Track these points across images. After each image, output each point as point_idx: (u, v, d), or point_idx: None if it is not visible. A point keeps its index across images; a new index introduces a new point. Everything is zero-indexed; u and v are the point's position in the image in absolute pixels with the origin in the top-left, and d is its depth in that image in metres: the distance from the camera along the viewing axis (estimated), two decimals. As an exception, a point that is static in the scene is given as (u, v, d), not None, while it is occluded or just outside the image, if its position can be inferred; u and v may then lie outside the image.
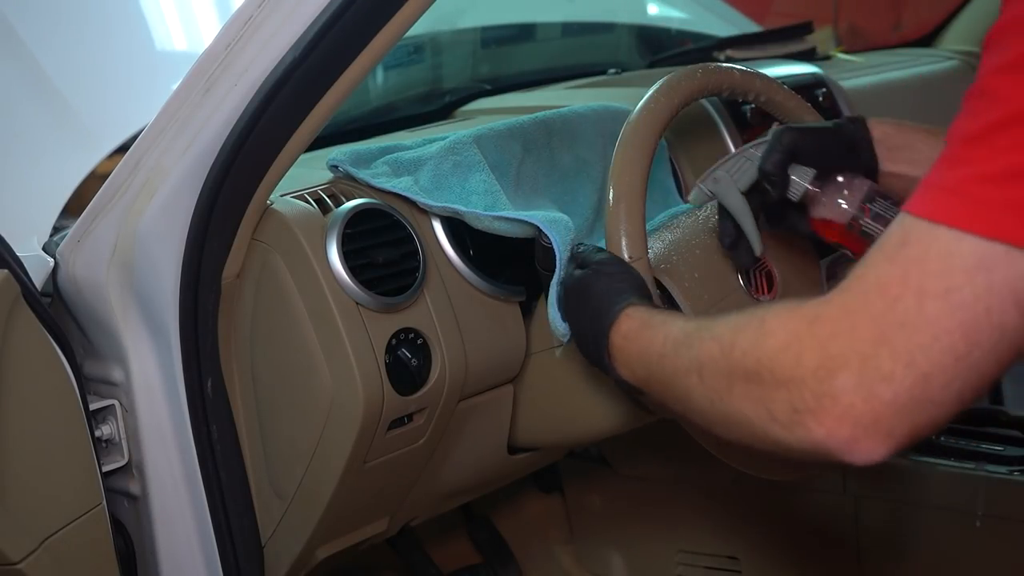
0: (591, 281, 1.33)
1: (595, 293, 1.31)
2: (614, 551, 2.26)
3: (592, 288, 1.32)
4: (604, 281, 1.31)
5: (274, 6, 1.33)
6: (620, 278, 1.32)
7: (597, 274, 1.33)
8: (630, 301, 1.26)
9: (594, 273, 1.33)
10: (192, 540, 1.53)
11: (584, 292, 1.33)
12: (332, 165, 1.59)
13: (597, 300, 1.29)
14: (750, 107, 1.94)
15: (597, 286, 1.31)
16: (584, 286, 1.33)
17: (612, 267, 1.34)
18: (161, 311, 1.47)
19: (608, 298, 1.28)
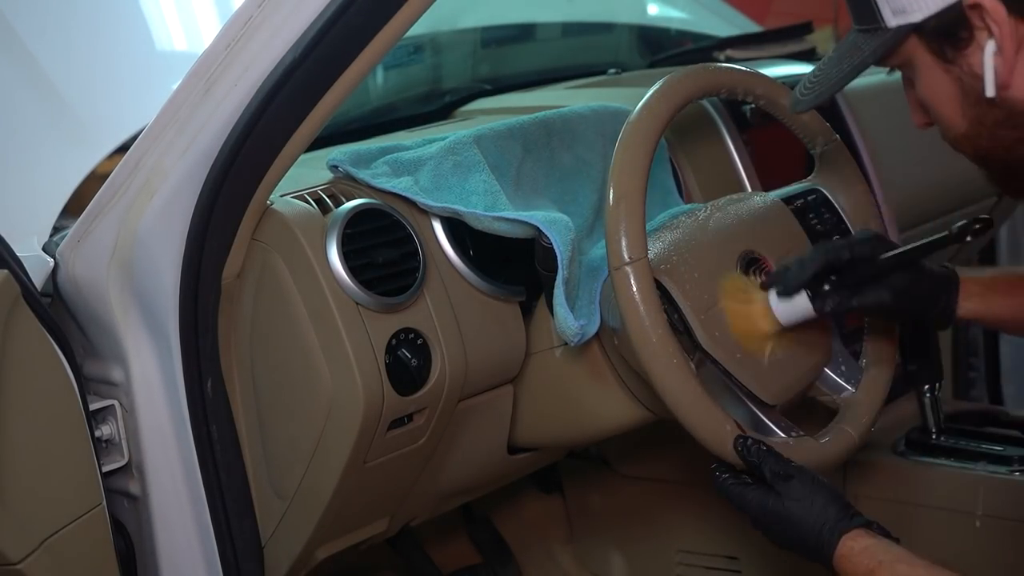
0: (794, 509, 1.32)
1: (802, 521, 1.31)
2: (614, 551, 2.26)
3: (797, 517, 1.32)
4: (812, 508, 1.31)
5: (274, 6, 1.33)
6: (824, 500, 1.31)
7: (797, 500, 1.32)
8: (850, 526, 1.28)
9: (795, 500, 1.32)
10: (192, 540, 1.53)
11: (786, 518, 1.32)
12: (332, 165, 1.59)
13: (806, 529, 1.30)
14: (750, 107, 1.94)
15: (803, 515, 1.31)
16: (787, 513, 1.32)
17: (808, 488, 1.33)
18: (161, 311, 1.47)
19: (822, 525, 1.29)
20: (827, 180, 1.70)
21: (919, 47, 1.20)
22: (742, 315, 1.48)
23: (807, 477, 1.33)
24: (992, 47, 1.12)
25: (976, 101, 1.18)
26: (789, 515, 1.32)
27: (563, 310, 1.46)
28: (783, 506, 1.32)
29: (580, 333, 1.47)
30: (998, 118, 1.18)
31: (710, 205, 1.65)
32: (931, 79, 1.21)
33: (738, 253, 1.54)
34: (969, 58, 1.16)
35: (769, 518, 1.34)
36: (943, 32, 1.16)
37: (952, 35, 1.16)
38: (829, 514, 1.30)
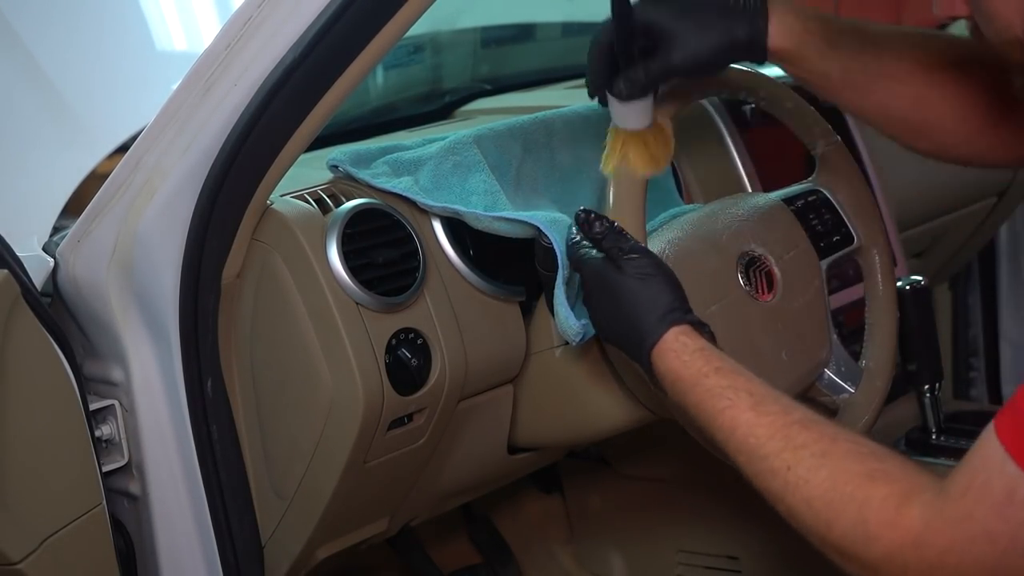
0: (629, 284, 1.26)
1: (634, 300, 1.24)
2: (614, 551, 2.26)
3: (629, 292, 1.25)
4: (645, 288, 1.24)
5: (274, 6, 1.33)
6: (660, 285, 1.25)
7: (635, 277, 1.26)
8: (679, 319, 1.21)
9: (632, 276, 1.26)
10: (192, 540, 1.53)
11: (618, 293, 1.26)
12: (332, 165, 1.59)
13: (636, 308, 1.24)
14: (750, 107, 1.94)
15: (637, 291, 1.25)
16: (618, 286, 1.26)
17: (649, 269, 1.27)
18: (161, 311, 1.47)
19: (651, 310, 1.22)
20: (828, 181, 1.70)
21: None
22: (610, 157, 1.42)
23: (651, 259, 1.27)
24: None
25: None
26: (622, 290, 1.25)
27: (564, 310, 1.46)
28: (618, 280, 1.25)
29: (581, 333, 1.47)
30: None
31: (710, 205, 1.65)
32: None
33: (738, 253, 1.54)
34: None
35: (602, 291, 1.27)
36: None
37: None
38: (663, 300, 1.22)
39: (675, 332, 1.21)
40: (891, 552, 0.97)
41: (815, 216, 1.68)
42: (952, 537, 0.95)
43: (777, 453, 1.07)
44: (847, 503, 1.01)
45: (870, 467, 1.03)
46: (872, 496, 1.00)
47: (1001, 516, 0.93)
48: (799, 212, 1.66)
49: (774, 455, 1.07)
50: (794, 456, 1.06)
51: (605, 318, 1.30)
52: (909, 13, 3.22)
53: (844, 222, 1.69)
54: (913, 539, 0.96)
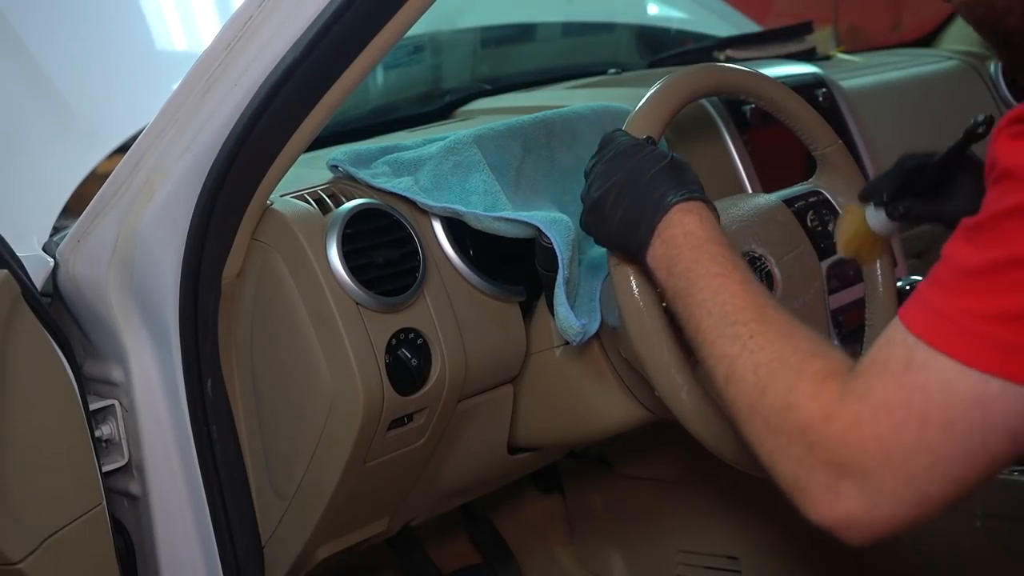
0: (661, 158, 1.27)
1: (665, 169, 1.26)
2: (614, 551, 2.26)
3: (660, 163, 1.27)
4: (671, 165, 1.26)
5: (274, 6, 1.33)
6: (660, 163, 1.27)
7: (664, 157, 1.27)
8: (686, 196, 1.23)
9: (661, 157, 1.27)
10: (192, 540, 1.53)
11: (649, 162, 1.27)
12: (332, 165, 1.59)
13: (665, 175, 1.25)
14: (750, 107, 1.94)
15: (670, 163, 1.27)
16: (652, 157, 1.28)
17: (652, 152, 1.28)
18: (161, 311, 1.47)
19: (679, 182, 1.25)
20: (828, 182, 1.70)
21: None
22: (848, 232, 1.48)
23: (659, 151, 1.29)
24: None
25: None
26: (654, 160, 1.27)
27: (564, 310, 1.46)
28: (654, 152, 1.28)
29: (582, 332, 1.47)
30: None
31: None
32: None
33: (738, 253, 1.54)
34: None
35: (630, 158, 1.29)
36: None
37: None
38: (693, 175, 1.27)
39: (702, 203, 1.25)
40: (805, 425, 1.01)
41: (815, 216, 1.68)
42: (856, 411, 0.98)
43: (746, 321, 1.12)
44: (785, 371, 1.06)
45: (817, 346, 1.08)
46: (806, 368, 1.05)
47: (899, 383, 0.97)
48: (799, 212, 1.66)
49: (743, 322, 1.12)
50: (761, 327, 1.11)
51: (621, 187, 1.29)
52: (909, 14, 3.23)
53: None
54: (825, 413, 1.00)
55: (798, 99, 1.63)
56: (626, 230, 1.26)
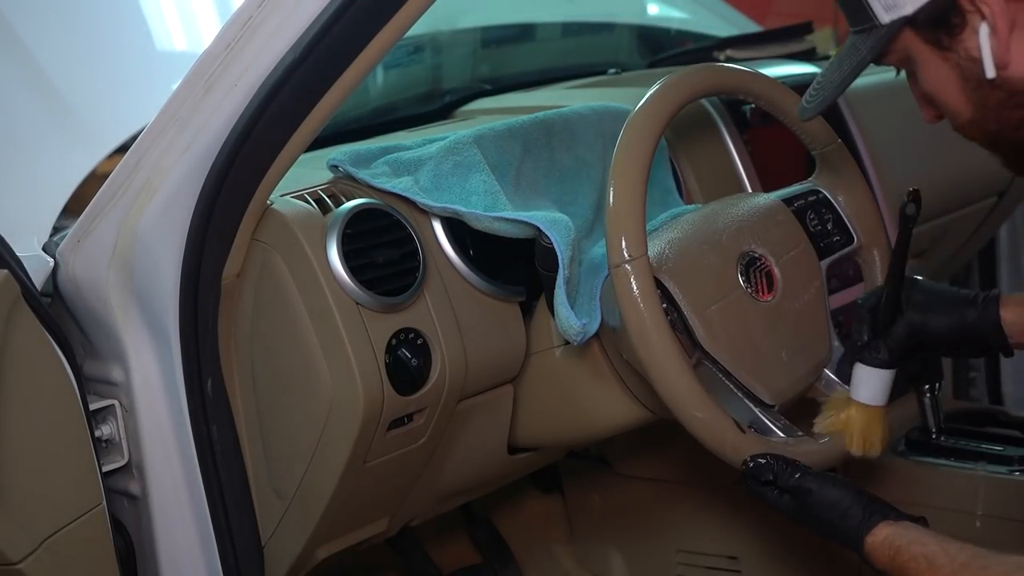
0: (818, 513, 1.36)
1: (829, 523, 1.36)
2: (614, 551, 2.25)
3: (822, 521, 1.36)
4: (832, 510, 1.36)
5: (274, 7, 1.33)
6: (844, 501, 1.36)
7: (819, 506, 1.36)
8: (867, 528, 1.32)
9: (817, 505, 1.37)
10: (192, 540, 1.53)
11: (816, 521, 1.37)
12: (332, 165, 1.59)
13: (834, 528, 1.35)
14: (750, 107, 1.94)
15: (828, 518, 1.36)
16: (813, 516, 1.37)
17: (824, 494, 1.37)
18: (161, 311, 1.47)
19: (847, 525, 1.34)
20: (828, 181, 1.70)
21: (914, 40, 1.22)
22: (842, 429, 1.51)
23: (824, 486, 1.36)
24: (986, 29, 1.14)
25: (978, 84, 1.19)
26: (817, 519, 1.37)
27: (565, 309, 1.46)
28: (811, 512, 1.37)
29: (582, 332, 1.47)
30: (1001, 99, 1.19)
31: (710, 205, 1.65)
32: (931, 70, 1.22)
33: (738, 253, 1.54)
34: (965, 43, 1.16)
35: (801, 520, 1.39)
36: (936, 21, 1.17)
37: (945, 22, 1.17)
38: (852, 518, 1.34)
39: (870, 539, 1.32)
40: None
41: (815, 216, 1.68)
42: None
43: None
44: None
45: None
46: None
47: None
48: (799, 212, 1.66)
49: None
50: None
51: (816, 534, 1.40)
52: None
53: (844, 222, 1.69)
54: None
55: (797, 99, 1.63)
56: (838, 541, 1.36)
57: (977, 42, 1.15)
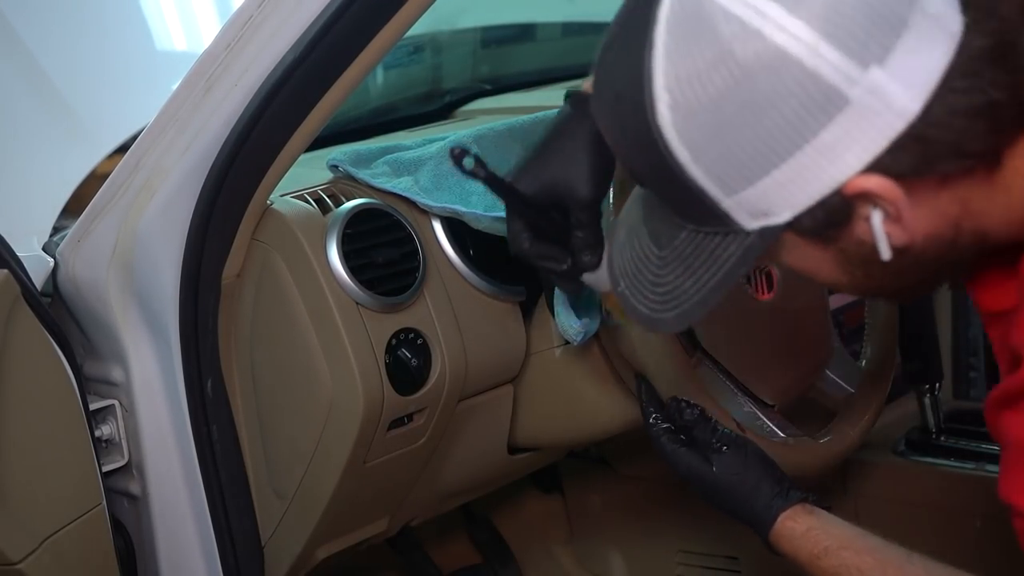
0: (724, 482, 1.30)
1: (732, 496, 1.30)
2: (614, 551, 2.25)
3: (726, 491, 1.30)
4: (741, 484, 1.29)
5: (274, 7, 1.33)
6: (756, 477, 1.29)
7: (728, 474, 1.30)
8: (781, 506, 1.26)
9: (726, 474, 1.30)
10: (192, 540, 1.53)
11: (714, 490, 1.31)
12: (332, 165, 1.59)
13: (736, 504, 1.29)
14: (750, 107, 1.93)
15: (734, 488, 1.30)
16: (714, 484, 1.31)
17: (739, 466, 1.30)
18: (161, 311, 1.47)
19: (752, 504, 1.28)
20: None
21: (788, 234, 0.96)
22: None
23: (741, 450, 1.29)
24: (879, 216, 0.92)
25: (863, 262, 0.97)
26: (719, 486, 1.29)
27: (565, 309, 1.46)
28: (714, 476, 1.29)
29: (583, 332, 1.47)
30: (900, 266, 0.96)
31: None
32: (801, 255, 0.99)
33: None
34: (853, 231, 0.94)
35: (699, 484, 1.31)
36: (820, 222, 0.93)
37: (830, 220, 0.93)
38: (762, 491, 1.26)
39: (781, 519, 1.25)
40: None
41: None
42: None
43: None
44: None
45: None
46: None
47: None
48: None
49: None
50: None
51: (713, 505, 1.34)
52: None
53: None
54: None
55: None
56: (742, 520, 1.30)
57: (868, 228, 0.92)
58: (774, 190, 0.90)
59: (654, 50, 0.89)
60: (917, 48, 0.85)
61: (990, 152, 0.90)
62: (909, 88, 0.86)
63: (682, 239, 0.98)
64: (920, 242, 0.94)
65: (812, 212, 0.91)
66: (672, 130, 0.90)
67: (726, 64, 0.86)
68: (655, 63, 0.90)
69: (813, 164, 0.88)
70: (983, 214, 0.94)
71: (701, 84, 0.87)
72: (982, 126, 0.88)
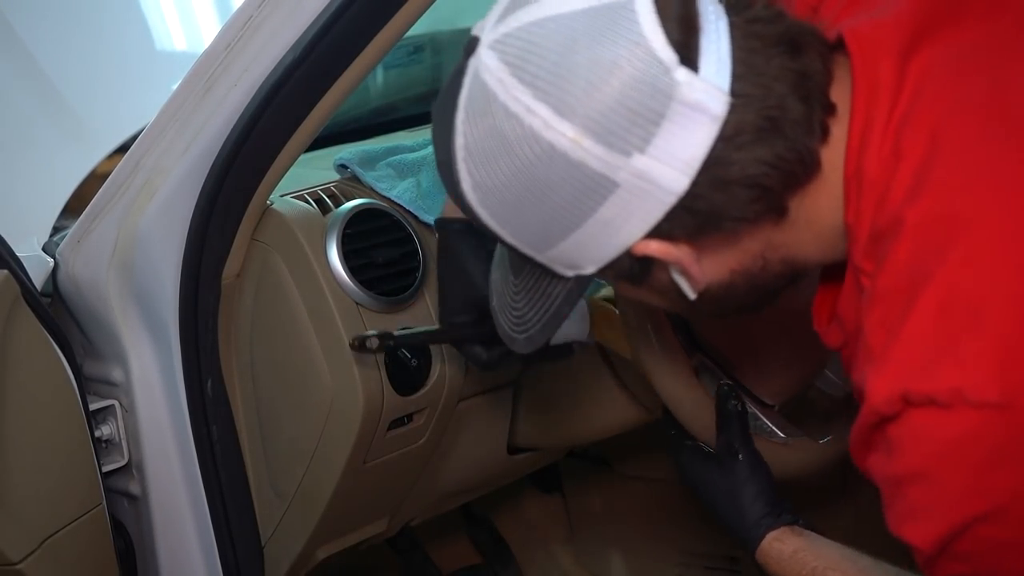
0: (728, 486, 1.31)
1: (730, 503, 1.30)
2: (614, 551, 2.26)
3: (726, 494, 1.31)
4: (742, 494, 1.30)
5: (274, 7, 1.33)
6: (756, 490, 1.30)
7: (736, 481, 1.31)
8: (771, 525, 1.27)
9: (732, 479, 1.31)
10: (192, 540, 1.53)
11: (714, 492, 1.32)
12: (340, 165, 1.59)
13: (732, 511, 1.29)
14: (750, 107, 1.93)
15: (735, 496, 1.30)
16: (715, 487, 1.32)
17: (747, 473, 1.31)
18: (161, 311, 1.47)
19: (746, 515, 1.28)
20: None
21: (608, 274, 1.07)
22: None
23: (752, 461, 1.30)
24: (675, 268, 1.03)
25: (679, 295, 1.07)
26: (719, 494, 1.31)
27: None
28: (718, 481, 1.31)
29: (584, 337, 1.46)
30: (713, 296, 1.07)
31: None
32: (624, 289, 1.12)
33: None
34: (657, 277, 1.05)
35: (702, 487, 1.33)
36: (625, 273, 1.04)
37: (633, 274, 1.04)
38: (757, 508, 1.28)
39: (769, 539, 1.27)
40: None
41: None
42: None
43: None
44: None
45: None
46: None
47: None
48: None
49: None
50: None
51: (709, 510, 1.34)
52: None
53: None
54: None
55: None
56: (731, 532, 1.30)
57: (669, 276, 1.04)
58: (574, 250, 1.01)
59: (455, 133, 0.98)
60: (678, 134, 0.93)
61: (765, 211, 0.99)
62: (674, 168, 0.94)
63: (526, 272, 1.10)
64: (727, 277, 1.05)
65: (612, 266, 1.02)
66: (478, 204, 1.00)
67: (508, 155, 0.96)
68: (456, 145, 0.98)
69: (600, 233, 0.99)
70: (787, 246, 1.05)
71: (490, 171, 0.97)
72: (745, 194, 0.97)
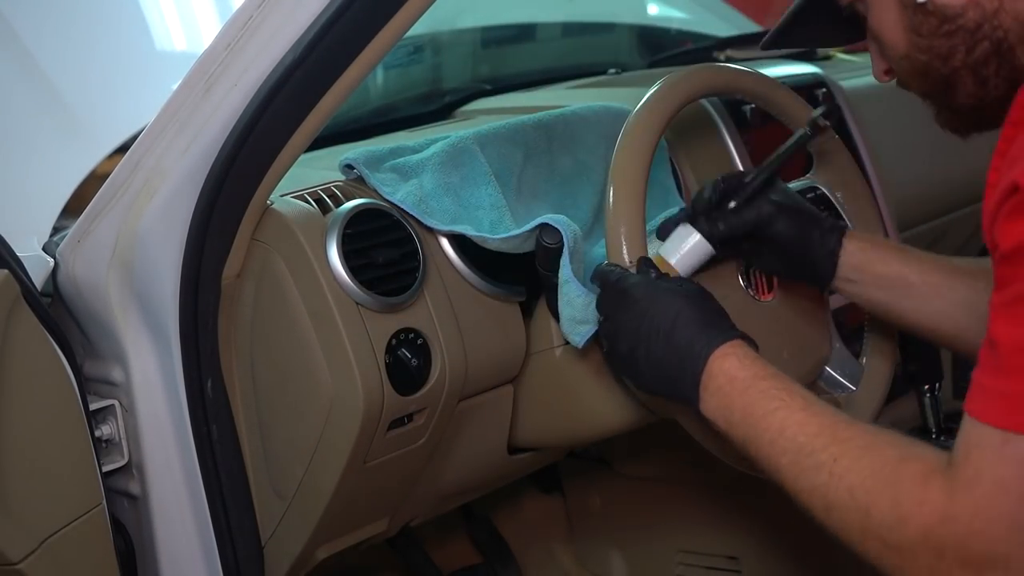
0: (685, 298, 1.29)
1: (693, 311, 1.28)
2: (614, 551, 2.26)
3: (688, 306, 1.28)
4: (703, 300, 1.29)
5: (274, 7, 1.33)
6: (715, 301, 1.30)
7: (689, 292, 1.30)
8: (736, 335, 1.26)
9: (686, 291, 1.30)
10: (192, 540, 1.53)
11: (672, 307, 1.28)
12: (346, 165, 1.58)
13: (695, 319, 1.27)
14: (750, 107, 1.94)
15: (698, 303, 1.29)
16: (673, 299, 1.29)
17: (697, 288, 1.31)
18: (161, 311, 1.47)
19: (705, 324, 1.26)
20: (826, 177, 1.70)
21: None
22: None
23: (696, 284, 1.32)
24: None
25: (913, 11, 1.17)
26: (677, 304, 1.29)
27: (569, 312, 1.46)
28: (675, 293, 1.29)
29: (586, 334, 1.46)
30: (932, 26, 1.16)
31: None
32: (878, 4, 1.21)
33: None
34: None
35: (651, 304, 1.29)
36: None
37: None
38: (723, 313, 1.29)
39: (736, 341, 1.26)
40: (925, 533, 1.00)
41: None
42: (973, 501, 0.98)
43: (824, 447, 1.12)
44: (884, 486, 1.05)
45: (903, 450, 1.07)
46: (902, 476, 1.03)
47: (1002, 459, 0.96)
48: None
49: (821, 449, 1.12)
50: (840, 448, 1.10)
51: (647, 342, 1.29)
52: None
53: (842, 218, 1.69)
54: (941, 515, 0.99)
55: (797, 99, 1.64)
56: (669, 385, 1.27)
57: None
58: None
59: None
60: None
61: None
62: None
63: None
64: (959, 7, 1.12)
65: None
66: None
67: None
68: None
69: None
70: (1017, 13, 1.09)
71: None
72: None
